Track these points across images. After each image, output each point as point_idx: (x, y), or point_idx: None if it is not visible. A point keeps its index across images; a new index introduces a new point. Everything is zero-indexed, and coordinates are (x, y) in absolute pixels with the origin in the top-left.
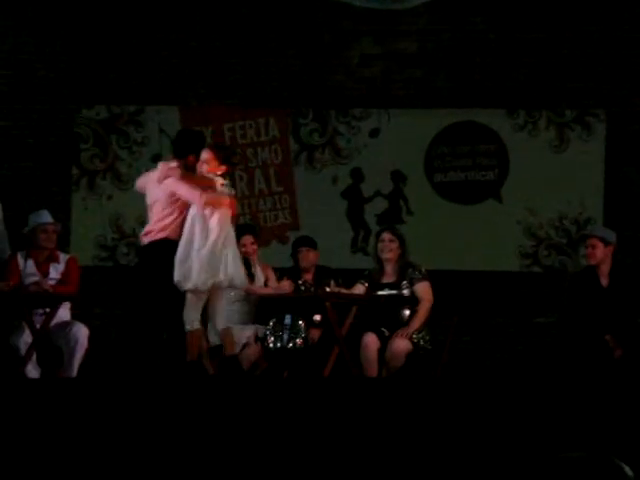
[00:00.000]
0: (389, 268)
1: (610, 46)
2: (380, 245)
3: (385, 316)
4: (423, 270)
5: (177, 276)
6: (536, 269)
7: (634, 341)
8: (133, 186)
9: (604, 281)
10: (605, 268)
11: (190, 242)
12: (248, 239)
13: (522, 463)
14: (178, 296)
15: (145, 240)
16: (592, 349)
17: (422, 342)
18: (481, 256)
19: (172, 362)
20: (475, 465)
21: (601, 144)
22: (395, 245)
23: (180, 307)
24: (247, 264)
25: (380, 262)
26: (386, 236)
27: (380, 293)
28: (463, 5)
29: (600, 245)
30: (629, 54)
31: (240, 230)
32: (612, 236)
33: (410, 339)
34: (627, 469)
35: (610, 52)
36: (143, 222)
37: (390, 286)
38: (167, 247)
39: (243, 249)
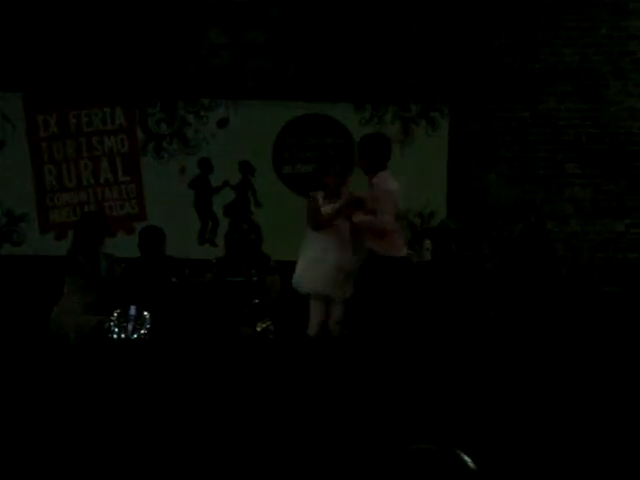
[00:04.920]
0: (241, 257)
1: (455, 43)
2: (238, 235)
3: (234, 304)
4: (273, 263)
5: None
6: None
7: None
8: None
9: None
10: None
11: None
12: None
13: (366, 455)
14: None
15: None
16: (432, 341)
17: (266, 332)
18: None
19: None
20: (316, 461)
21: (444, 139)
22: (251, 236)
23: None
24: (93, 255)
25: (232, 250)
26: (245, 226)
27: (229, 279)
28: None
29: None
30: (472, 51)
31: (87, 216)
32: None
33: (254, 329)
34: (470, 462)
35: (455, 49)
36: None
37: (240, 273)
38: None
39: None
